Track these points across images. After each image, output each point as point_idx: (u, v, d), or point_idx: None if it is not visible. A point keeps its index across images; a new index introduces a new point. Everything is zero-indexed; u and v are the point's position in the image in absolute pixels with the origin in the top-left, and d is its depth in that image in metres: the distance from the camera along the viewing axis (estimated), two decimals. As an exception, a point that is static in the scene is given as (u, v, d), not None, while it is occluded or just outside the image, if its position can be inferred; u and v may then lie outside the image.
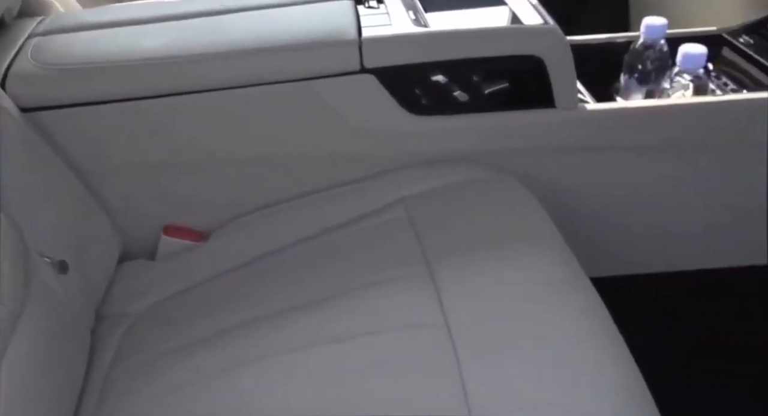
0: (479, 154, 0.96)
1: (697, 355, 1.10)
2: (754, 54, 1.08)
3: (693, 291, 1.07)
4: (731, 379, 1.10)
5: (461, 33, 0.93)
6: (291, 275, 0.87)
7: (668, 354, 1.07)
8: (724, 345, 1.10)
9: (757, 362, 1.11)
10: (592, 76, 1.09)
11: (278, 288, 0.85)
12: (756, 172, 1.00)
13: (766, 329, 1.10)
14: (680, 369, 1.09)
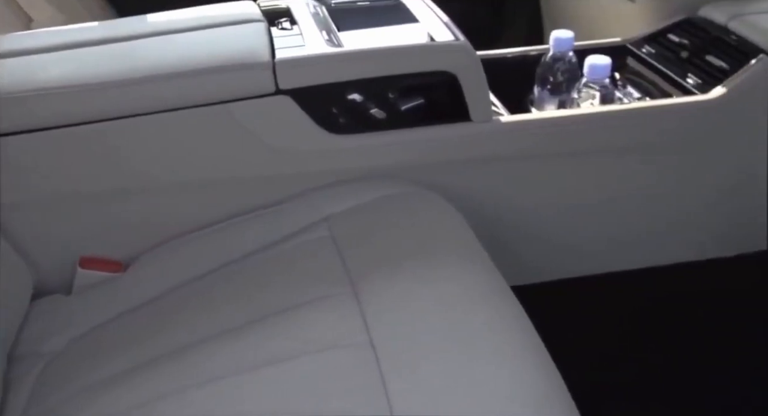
0: (400, 170, 0.97)
1: (620, 359, 1.14)
2: (655, 63, 1.13)
3: (613, 293, 1.10)
4: (655, 382, 1.13)
5: (375, 52, 0.94)
6: (214, 301, 0.86)
7: (592, 360, 1.10)
8: (648, 347, 1.14)
9: (680, 362, 1.16)
10: (507, 89, 1.12)
11: (200, 315, 0.83)
12: (664, 175, 1.05)
13: (690, 327, 1.15)
14: (604, 374, 1.12)
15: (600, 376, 1.13)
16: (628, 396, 1.14)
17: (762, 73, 1.01)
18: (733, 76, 1.02)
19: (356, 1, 1.10)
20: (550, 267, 1.08)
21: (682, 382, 1.15)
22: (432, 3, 1.09)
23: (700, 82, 1.06)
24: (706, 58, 1.09)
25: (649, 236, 1.09)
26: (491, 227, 1.01)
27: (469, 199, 1.00)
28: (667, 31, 1.18)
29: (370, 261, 0.83)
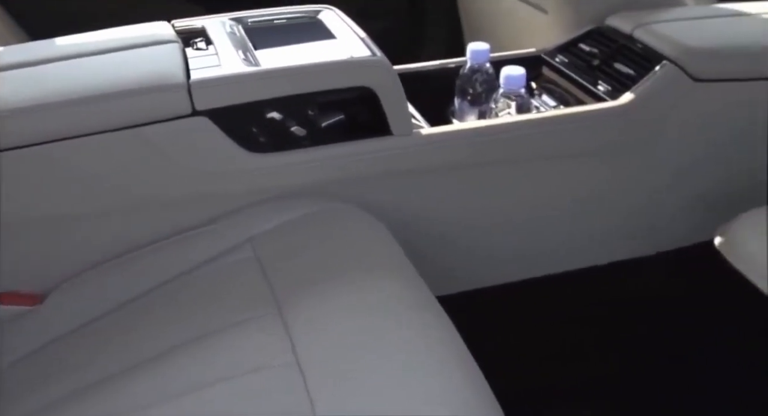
0: (323, 186, 0.97)
1: (549, 365, 1.16)
2: (568, 71, 1.17)
3: (539, 298, 1.13)
4: (582, 387, 1.17)
5: (292, 69, 0.94)
6: (137, 329, 0.84)
7: (522, 366, 1.13)
8: (579, 349, 1.17)
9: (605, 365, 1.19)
10: (429, 101, 1.14)
11: (123, 343, 0.81)
12: (582, 179, 1.08)
13: (619, 327, 1.19)
14: (535, 380, 1.15)
15: (532, 382, 1.15)
16: (563, 401, 1.17)
17: (665, 78, 1.06)
18: (639, 83, 1.07)
19: (273, 20, 1.10)
20: (477, 275, 1.10)
21: (621, 384, 1.19)
22: (350, 20, 1.10)
23: (610, 88, 1.10)
24: (614, 65, 1.13)
25: (572, 240, 1.12)
26: (418, 239, 1.02)
27: (394, 212, 1.00)
28: (578, 41, 1.22)
29: (296, 280, 0.83)
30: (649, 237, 1.15)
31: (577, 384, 1.19)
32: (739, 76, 1.08)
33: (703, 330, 1.17)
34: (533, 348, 1.18)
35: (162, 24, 1.06)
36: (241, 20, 1.09)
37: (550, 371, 1.18)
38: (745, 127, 1.11)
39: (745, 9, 1.24)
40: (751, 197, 1.08)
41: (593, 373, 1.20)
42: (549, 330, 1.17)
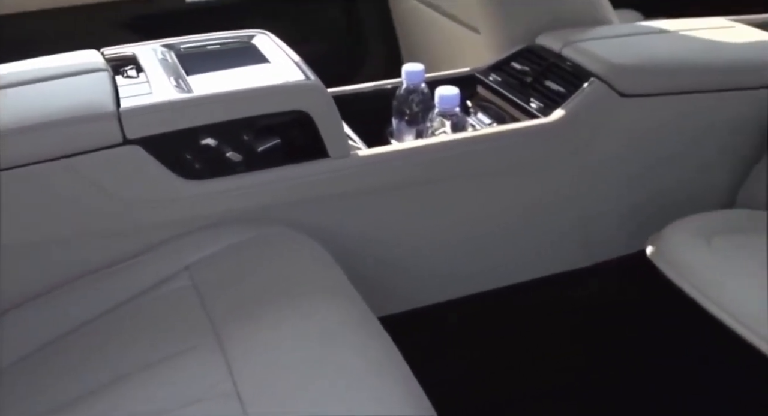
0: (261, 211, 0.97)
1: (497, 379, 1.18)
2: (502, 89, 1.20)
3: (482, 313, 1.14)
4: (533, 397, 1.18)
5: (225, 95, 0.94)
6: (73, 363, 0.81)
7: (465, 384, 1.13)
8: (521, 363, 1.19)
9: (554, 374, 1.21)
10: (367, 122, 1.15)
11: (59, 379, 0.79)
12: (519, 194, 1.11)
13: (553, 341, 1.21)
14: (481, 396, 1.16)
15: (481, 397, 1.16)
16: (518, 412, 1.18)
17: (594, 94, 1.09)
18: (569, 99, 1.10)
19: (206, 46, 1.10)
20: (420, 294, 1.10)
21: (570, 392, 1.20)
22: (284, 44, 1.10)
23: (542, 105, 1.13)
24: (545, 83, 1.16)
25: (511, 255, 1.14)
26: (359, 260, 1.03)
27: (334, 234, 1.01)
28: (510, 60, 1.25)
29: (234, 308, 0.82)
30: (586, 249, 1.18)
31: (528, 395, 1.20)
32: (663, 90, 1.12)
33: (640, 335, 1.20)
34: (481, 363, 1.19)
35: (90, 52, 1.05)
36: (173, 46, 1.08)
37: (498, 385, 1.19)
38: (672, 139, 1.15)
39: (668, 26, 1.29)
40: (683, 207, 1.11)
41: (542, 383, 1.22)
42: (494, 344, 1.19)
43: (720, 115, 1.16)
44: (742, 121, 1.18)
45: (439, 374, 1.03)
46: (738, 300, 0.88)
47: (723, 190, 1.21)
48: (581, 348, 1.20)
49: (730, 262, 0.94)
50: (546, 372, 1.20)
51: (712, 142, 1.18)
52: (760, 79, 1.15)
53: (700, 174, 1.20)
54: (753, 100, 1.16)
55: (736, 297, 0.89)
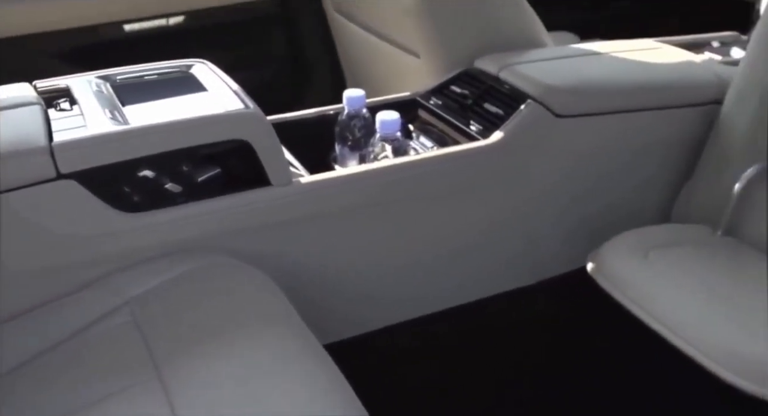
0: (203, 241, 0.96)
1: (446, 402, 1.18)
2: (442, 113, 1.22)
3: (430, 335, 1.15)
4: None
5: (162, 126, 0.93)
6: (11, 403, 0.79)
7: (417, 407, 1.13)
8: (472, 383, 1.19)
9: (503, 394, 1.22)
10: (310, 149, 1.15)
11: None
12: (462, 215, 1.12)
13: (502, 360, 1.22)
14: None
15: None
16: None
17: (530, 116, 1.12)
18: (507, 121, 1.12)
19: (144, 76, 1.09)
20: (367, 318, 1.10)
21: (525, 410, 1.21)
22: (223, 73, 1.10)
23: (482, 128, 1.15)
24: (484, 105, 1.18)
25: (456, 276, 1.15)
26: (305, 287, 1.02)
27: (278, 262, 1.00)
28: (449, 83, 1.27)
29: (176, 343, 0.81)
30: (532, 267, 1.20)
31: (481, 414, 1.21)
32: (597, 110, 1.16)
33: (585, 350, 1.22)
34: (434, 384, 1.19)
35: (22, 86, 1.03)
36: (108, 78, 1.07)
37: (451, 405, 1.20)
38: (609, 157, 1.19)
39: (600, 48, 1.33)
40: (623, 223, 1.14)
41: (494, 400, 1.22)
42: (445, 365, 1.19)
43: (653, 133, 1.20)
44: (674, 138, 1.22)
45: (391, 398, 1.03)
46: (671, 312, 0.91)
47: (659, 205, 1.25)
48: (531, 364, 1.22)
49: (664, 275, 0.97)
50: (498, 389, 1.21)
51: (647, 160, 1.22)
52: (688, 98, 1.20)
53: (638, 190, 1.24)
54: (683, 118, 1.21)
55: (669, 309, 0.91)
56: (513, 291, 1.17)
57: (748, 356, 0.86)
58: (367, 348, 1.10)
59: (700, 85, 1.21)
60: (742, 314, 0.90)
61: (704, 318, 0.90)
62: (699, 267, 0.99)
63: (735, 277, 0.98)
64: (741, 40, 1.41)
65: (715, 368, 0.86)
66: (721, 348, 0.86)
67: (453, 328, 1.16)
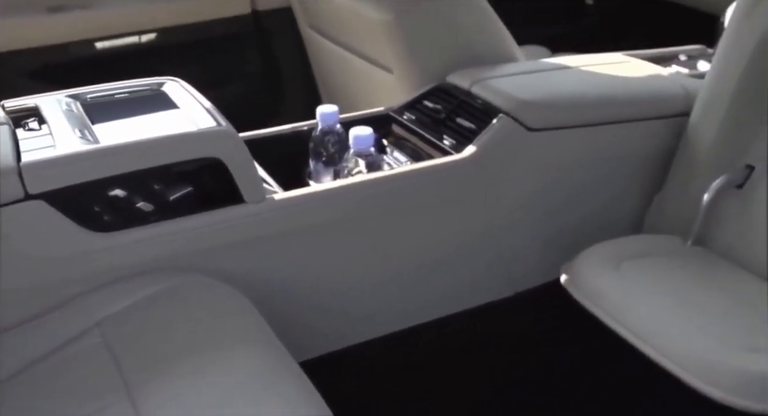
0: (176, 260, 0.95)
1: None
2: (416, 127, 1.22)
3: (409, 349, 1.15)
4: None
5: (132, 145, 0.92)
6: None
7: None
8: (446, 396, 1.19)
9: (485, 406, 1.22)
10: (285, 165, 1.15)
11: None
12: (437, 231, 1.12)
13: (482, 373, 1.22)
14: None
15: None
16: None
17: (503, 130, 1.13)
18: (480, 135, 1.13)
19: (114, 94, 1.08)
20: (346, 334, 1.10)
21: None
22: (195, 90, 1.10)
23: (455, 142, 1.16)
24: (457, 120, 1.19)
25: (433, 290, 1.15)
26: (279, 304, 1.02)
27: (253, 279, 0.99)
28: (422, 98, 1.28)
29: (148, 364, 0.80)
30: (508, 280, 1.21)
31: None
32: (569, 124, 1.17)
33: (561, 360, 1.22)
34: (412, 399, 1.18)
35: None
36: (78, 96, 1.06)
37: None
38: (581, 170, 1.20)
39: (571, 62, 1.35)
40: (596, 234, 1.15)
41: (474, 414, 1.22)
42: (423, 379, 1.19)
43: (624, 146, 1.22)
44: (644, 150, 1.24)
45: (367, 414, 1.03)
46: (643, 322, 0.92)
47: (633, 216, 1.27)
48: (509, 376, 1.22)
49: (636, 286, 0.98)
50: (476, 402, 1.21)
51: (619, 171, 1.23)
52: (657, 110, 1.22)
53: (611, 202, 1.25)
54: (652, 130, 1.23)
55: (641, 320, 0.92)
56: (490, 303, 1.17)
57: (719, 365, 0.87)
58: (344, 364, 1.09)
59: (668, 98, 1.23)
60: (713, 324, 0.91)
61: (676, 328, 0.91)
62: (670, 278, 1.00)
63: (705, 287, 0.99)
64: (707, 54, 1.44)
65: (688, 378, 0.87)
66: (693, 358, 0.87)
67: (430, 342, 1.15)
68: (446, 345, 1.17)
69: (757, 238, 1.04)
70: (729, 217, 1.09)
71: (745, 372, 0.85)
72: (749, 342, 0.88)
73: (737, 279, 1.02)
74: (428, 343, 1.16)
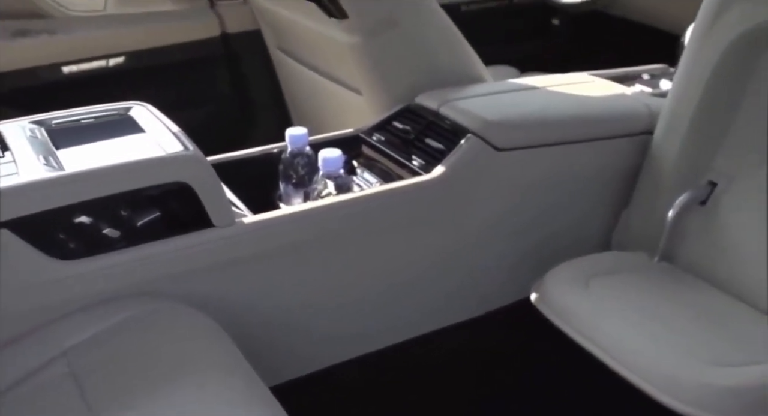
0: (145, 286, 0.94)
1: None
2: (385, 148, 1.23)
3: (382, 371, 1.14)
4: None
5: (97, 171, 0.91)
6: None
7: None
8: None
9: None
10: (255, 188, 1.15)
11: None
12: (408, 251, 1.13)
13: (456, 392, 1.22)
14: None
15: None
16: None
17: (471, 150, 1.14)
18: (449, 156, 1.14)
19: (81, 120, 1.07)
20: (319, 356, 1.10)
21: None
22: (162, 115, 1.09)
23: (424, 162, 1.16)
24: (425, 141, 1.20)
25: (405, 310, 1.15)
26: (251, 328, 1.01)
27: (223, 303, 0.99)
28: (391, 119, 1.29)
29: (115, 393, 0.79)
30: (479, 299, 1.21)
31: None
32: (536, 143, 1.18)
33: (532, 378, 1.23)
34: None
35: (-48, 133, 1.00)
36: (43, 122, 1.05)
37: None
38: (550, 188, 1.21)
39: (537, 82, 1.37)
40: (566, 252, 1.17)
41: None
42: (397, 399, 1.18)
43: (591, 164, 1.24)
44: (611, 168, 1.26)
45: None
46: (612, 339, 0.93)
47: (601, 233, 1.28)
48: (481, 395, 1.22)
49: (604, 303, 0.99)
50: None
51: (586, 189, 1.25)
52: (621, 129, 1.24)
53: (579, 219, 1.26)
54: (617, 148, 1.25)
55: (610, 336, 0.93)
56: (461, 323, 1.18)
57: (685, 380, 0.88)
58: (317, 387, 1.09)
59: (632, 117, 1.26)
60: (679, 338, 0.93)
61: (642, 344, 0.92)
62: (637, 294, 1.02)
63: (671, 302, 1.01)
64: (669, 72, 1.47)
65: (654, 392, 0.88)
66: (659, 372, 0.88)
67: (403, 363, 1.15)
68: (419, 365, 1.17)
69: (721, 253, 1.06)
70: (693, 233, 1.11)
71: (711, 386, 0.86)
72: (714, 357, 0.89)
73: (702, 294, 1.03)
74: (401, 364, 1.16)
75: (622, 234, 1.22)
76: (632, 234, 1.20)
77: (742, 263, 1.04)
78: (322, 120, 1.58)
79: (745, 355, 0.90)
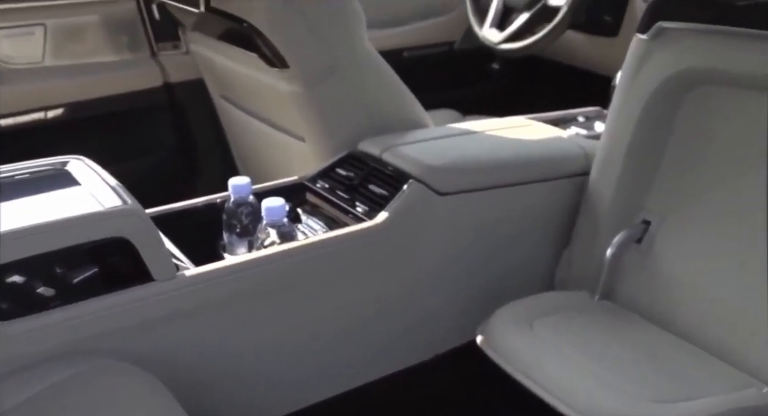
0: (83, 344, 0.91)
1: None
2: (329, 195, 1.24)
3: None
4: None
5: (29, 229, 0.89)
6: None
7: None
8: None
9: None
10: (198, 239, 1.14)
11: None
12: (353, 298, 1.13)
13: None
14: None
15: None
16: None
17: (413, 195, 1.16)
18: (392, 201, 1.15)
19: (15, 175, 1.05)
20: (266, 408, 1.08)
21: None
22: (100, 168, 1.08)
23: (368, 208, 1.17)
24: (369, 187, 1.21)
25: (353, 357, 1.15)
26: (194, 382, 0.99)
27: (166, 358, 0.97)
28: (335, 166, 1.29)
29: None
30: (427, 343, 1.21)
31: None
32: (476, 186, 1.21)
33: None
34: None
35: None
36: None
37: None
38: (493, 231, 1.23)
39: (477, 127, 1.41)
40: (513, 293, 1.18)
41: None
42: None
43: (532, 206, 1.27)
44: (552, 209, 1.29)
45: None
46: (556, 380, 0.94)
47: (546, 273, 1.31)
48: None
49: (548, 344, 1.00)
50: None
51: (529, 231, 1.28)
52: (559, 171, 1.28)
53: (524, 260, 1.28)
54: (557, 189, 1.28)
55: (554, 378, 0.94)
56: (410, 367, 1.17)
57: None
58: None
59: (569, 159, 1.29)
60: (620, 377, 0.94)
61: (582, 383, 0.93)
62: (578, 333, 1.03)
63: (611, 340, 1.03)
64: (603, 115, 1.53)
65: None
66: (598, 411, 0.89)
67: (352, 411, 1.14)
68: (369, 411, 1.16)
69: (657, 290, 1.09)
70: (631, 271, 1.14)
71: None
72: (654, 393, 0.91)
73: (641, 332, 1.06)
74: (351, 411, 1.15)
75: (565, 272, 1.25)
76: (574, 273, 1.22)
77: (678, 299, 1.07)
78: (266, 167, 1.58)
79: (684, 391, 0.92)
